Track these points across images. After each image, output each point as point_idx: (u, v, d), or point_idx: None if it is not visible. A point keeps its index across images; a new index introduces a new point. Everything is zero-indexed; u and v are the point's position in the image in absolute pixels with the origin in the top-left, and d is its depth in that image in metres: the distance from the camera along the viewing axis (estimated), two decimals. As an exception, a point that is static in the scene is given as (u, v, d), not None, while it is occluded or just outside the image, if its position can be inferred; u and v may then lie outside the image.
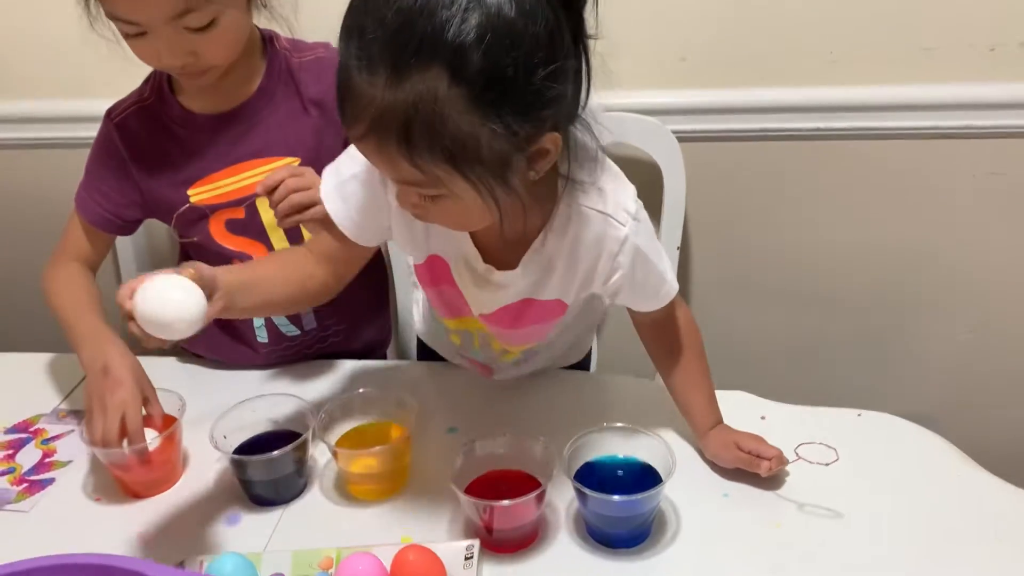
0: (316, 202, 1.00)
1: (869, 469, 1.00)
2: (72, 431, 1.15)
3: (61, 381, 1.26)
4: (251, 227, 1.20)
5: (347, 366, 1.25)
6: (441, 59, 0.72)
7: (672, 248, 1.45)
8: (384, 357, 1.43)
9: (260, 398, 1.05)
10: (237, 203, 1.19)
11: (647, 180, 1.44)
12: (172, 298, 0.81)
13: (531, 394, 1.16)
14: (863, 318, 1.57)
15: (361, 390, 1.07)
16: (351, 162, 0.97)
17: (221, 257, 1.19)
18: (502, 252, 0.97)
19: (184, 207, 1.19)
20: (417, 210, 0.86)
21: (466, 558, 0.88)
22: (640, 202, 0.96)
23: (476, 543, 0.89)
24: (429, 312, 1.22)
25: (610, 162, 0.96)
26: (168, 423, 1.04)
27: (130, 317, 0.81)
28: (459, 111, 0.74)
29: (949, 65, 1.35)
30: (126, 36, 1.05)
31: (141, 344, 0.84)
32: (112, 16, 1.04)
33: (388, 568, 0.86)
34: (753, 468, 0.97)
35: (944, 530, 0.92)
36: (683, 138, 1.42)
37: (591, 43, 0.81)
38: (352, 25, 0.76)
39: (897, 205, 1.47)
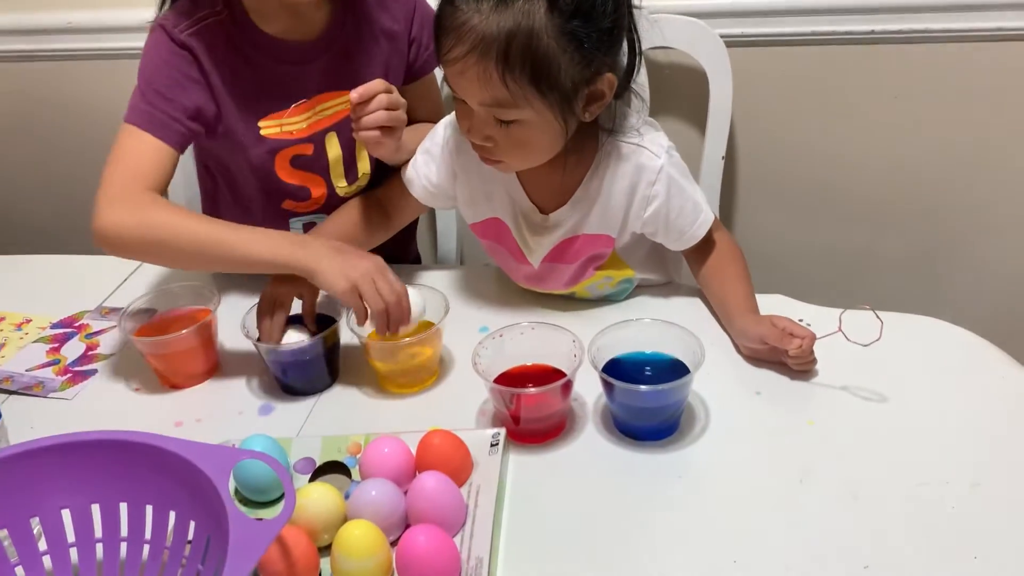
0: (400, 125, 1.07)
1: (909, 369, 0.98)
2: (114, 327, 1.18)
3: (104, 280, 1.29)
4: (317, 164, 1.18)
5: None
6: None
7: (717, 158, 1.42)
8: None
9: (293, 291, 1.06)
10: (308, 140, 1.16)
11: (692, 86, 1.40)
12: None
13: (563, 297, 1.14)
14: (914, 229, 1.52)
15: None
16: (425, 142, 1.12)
17: (272, 188, 1.17)
18: (551, 202, 1.08)
19: (253, 139, 1.13)
20: (489, 142, 0.97)
21: (491, 445, 0.88)
22: (672, 142, 1.05)
23: (502, 431, 0.89)
24: None
25: (648, 117, 1.08)
26: (203, 315, 1.06)
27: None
28: (550, 36, 0.89)
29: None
30: None
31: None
32: None
33: (414, 452, 0.86)
34: (784, 343, 0.95)
35: (984, 428, 0.90)
36: (731, 42, 1.37)
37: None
38: None
39: (954, 112, 1.41)
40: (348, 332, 1.01)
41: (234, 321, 1.04)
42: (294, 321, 1.04)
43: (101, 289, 1.27)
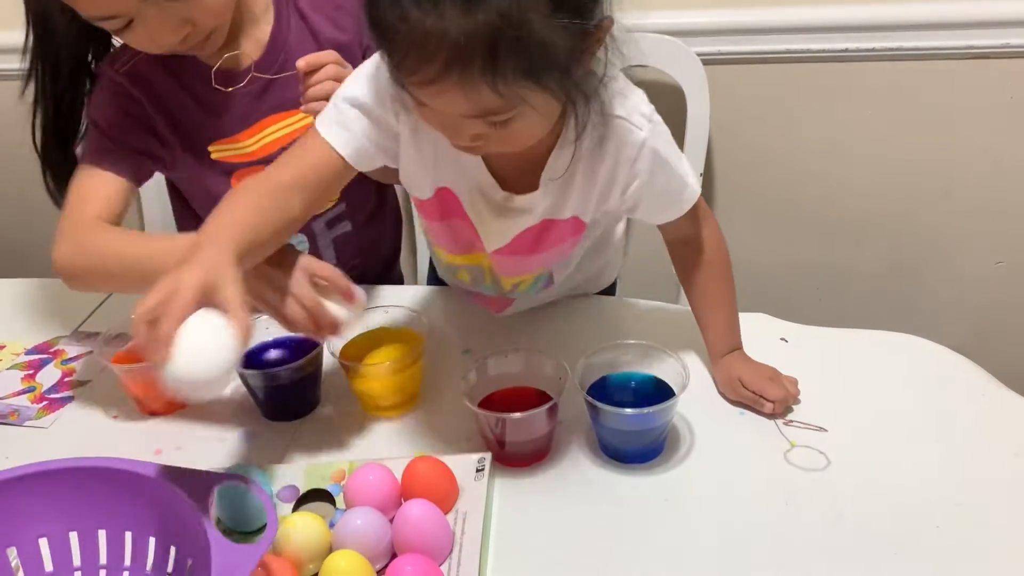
0: None
1: (891, 387, 0.98)
2: (90, 352, 1.16)
3: (80, 305, 1.26)
4: None
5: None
6: None
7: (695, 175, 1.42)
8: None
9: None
10: (261, 162, 1.14)
11: (670, 104, 1.40)
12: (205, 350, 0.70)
13: (547, 317, 1.14)
14: (890, 246, 1.54)
15: (374, 306, 1.06)
16: (350, 91, 0.91)
17: None
18: (518, 177, 0.94)
19: (206, 164, 1.13)
20: (478, 141, 0.81)
21: (477, 470, 0.87)
22: (652, 105, 0.91)
23: (488, 456, 0.89)
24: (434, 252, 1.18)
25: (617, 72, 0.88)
26: (183, 341, 1.04)
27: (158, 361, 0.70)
28: (541, 14, 0.71)
29: (985, -21, 1.31)
30: (115, 32, 1.01)
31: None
32: (91, 19, 0.98)
33: (399, 479, 0.86)
34: (756, 406, 0.95)
35: (965, 446, 0.90)
36: (708, 60, 1.38)
37: None
38: None
39: (928, 129, 1.43)
40: (329, 355, 1.01)
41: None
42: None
43: (77, 313, 1.25)
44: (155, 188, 1.60)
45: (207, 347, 0.70)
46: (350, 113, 0.90)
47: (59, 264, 1.02)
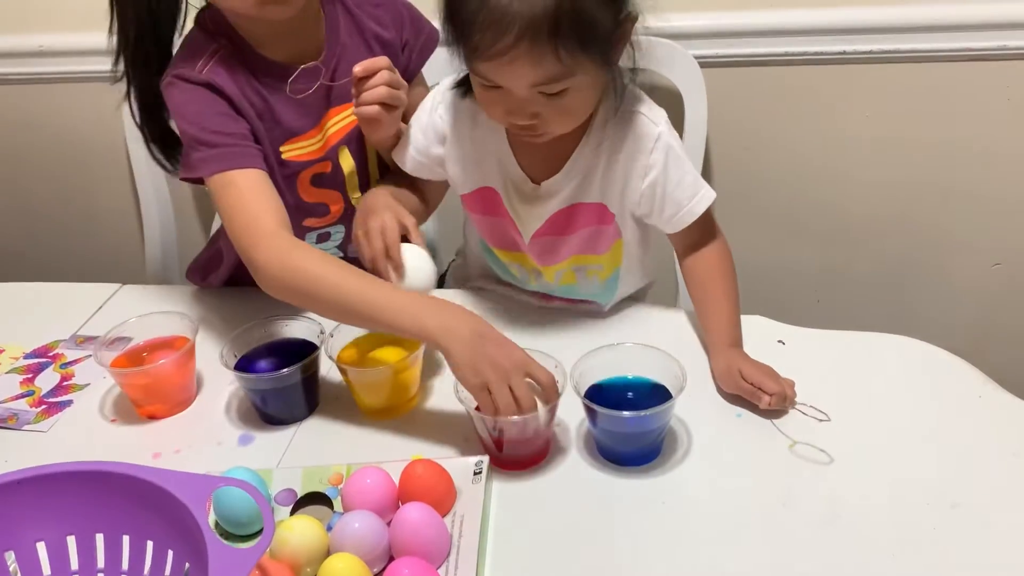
0: (399, 104, 1.09)
1: (888, 389, 0.99)
2: (89, 356, 1.16)
3: (79, 308, 1.27)
4: (334, 179, 1.18)
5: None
6: None
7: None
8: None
9: (271, 320, 1.05)
10: (325, 158, 1.16)
11: (667, 107, 1.39)
12: (425, 269, 1.00)
13: (544, 320, 1.14)
14: (887, 249, 1.54)
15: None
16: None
17: (295, 208, 1.14)
18: (542, 170, 1.07)
19: (277, 163, 1.12)
20: (535, 119, 0.96)
21: (475, 473, 0.87)
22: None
23: (485, 459, 0.89)
24: (479, 247, 1.22)
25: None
26: (181, 343, 1.05)
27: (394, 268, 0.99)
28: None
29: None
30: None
31: None
32: None
33: (396, 482, 0.86)
34: (753, 399, 0.95)
35: (962, 447, 0.90)
36: (705, 63, 1.38)
37: None
38: None
39: (925, 132, 1.43)
40: (327, 359, 1.01)
41: (212, 349, 1.03)
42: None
43: (76, 317, 1.25)
44: (154, 189, 1.61)
45: (424, 265, 1.00)
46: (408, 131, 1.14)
47: (260, 275, 1.00)
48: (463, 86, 1.08)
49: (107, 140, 1.63)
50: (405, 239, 1.02)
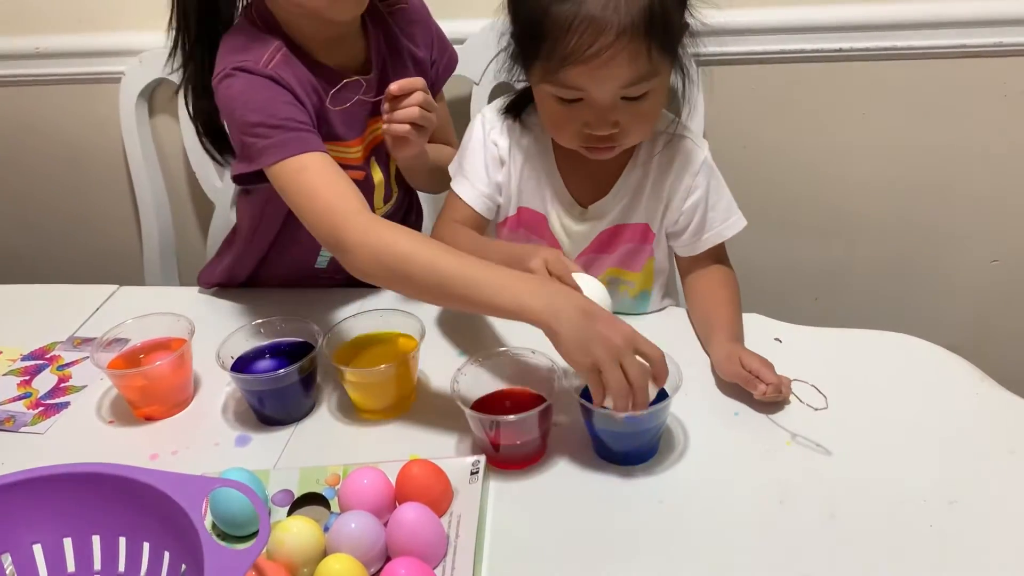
0: (429, 126, 1.10)
1: (885, 387, 0.99)
2: (86, 358, 1.16)
3: (76, 310, 1.27)
4: (365, 187, 1.17)
5: (359, 292, 1.24)
6: None
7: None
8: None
9: (267, 321, 1.05)
10: (361, 167, 1.16)
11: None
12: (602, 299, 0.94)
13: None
14: (885, 246, 1.54)
15: (368, 310, 1.06)
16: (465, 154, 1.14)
17: None
18: (591, 192, 1.11)
19: None
20: (615, 128, 0.99)
21: (472, 473, 0.87)
22: None
23: (482, 458, 0.89)
24: None
25: None
26: (178, 345, 1.05)
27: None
28: (675, 1, 0.95)
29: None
30: None
31: None
32: None
33: (393, 482, 0.86)
34: (749, 387, 0.95)
35: (960, 445, 0.90)
36: (702, 61, 1.37)
37: None
38: None
39: (922, 129, 1.43)
40: (324, 359, 1.01)
41: (209, 350, 1.03)
42: None
43: (72, 319, 1.25)
44: (152, 190, 1.61)
45: (599, 294, 0.95)
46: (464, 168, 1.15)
47: (358, 262, 0.95)
48: (513, 110, 1.12)
49: (104, 142, 1.63)
50: None
